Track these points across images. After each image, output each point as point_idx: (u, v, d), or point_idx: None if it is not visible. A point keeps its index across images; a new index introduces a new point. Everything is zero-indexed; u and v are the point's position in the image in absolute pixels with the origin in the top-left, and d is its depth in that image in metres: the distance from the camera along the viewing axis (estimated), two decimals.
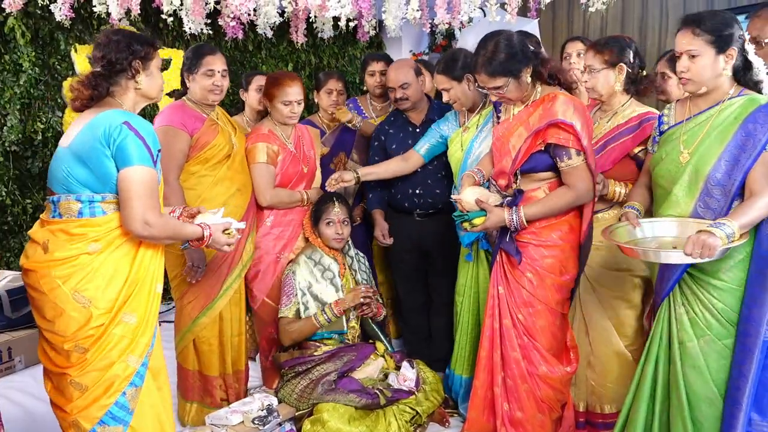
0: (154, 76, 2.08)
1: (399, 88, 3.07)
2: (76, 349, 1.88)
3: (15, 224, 4.02)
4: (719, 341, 1.99)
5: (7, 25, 3.74)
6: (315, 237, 2.98)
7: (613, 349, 2.54)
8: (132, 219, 1.87)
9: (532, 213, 2.30)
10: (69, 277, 1.87)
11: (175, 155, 2.65)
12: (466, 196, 2.36)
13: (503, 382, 2.44)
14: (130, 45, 2.00)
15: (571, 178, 2.29)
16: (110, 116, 1.89)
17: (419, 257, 3.21)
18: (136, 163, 1.87)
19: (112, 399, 1.89)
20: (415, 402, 2.74)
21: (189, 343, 2.87)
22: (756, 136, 1.92)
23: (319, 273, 2.94)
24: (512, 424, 2.43)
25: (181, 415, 2.92)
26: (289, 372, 2.85)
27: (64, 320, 1.87)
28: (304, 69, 5.22)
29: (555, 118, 2.23)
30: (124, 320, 1.92)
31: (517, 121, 2.35)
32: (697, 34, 1.99)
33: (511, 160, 2.34)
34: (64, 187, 1.92)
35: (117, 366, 1.90)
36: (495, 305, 2.45)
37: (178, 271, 2.82)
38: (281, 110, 2.98)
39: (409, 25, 4.79)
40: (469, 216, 2.33)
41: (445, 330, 3.15)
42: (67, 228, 1.90)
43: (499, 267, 2.45)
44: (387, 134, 3.24)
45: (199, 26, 3.49)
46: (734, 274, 1.98)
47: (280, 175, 3.03)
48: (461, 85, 2.82)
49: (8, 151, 3.90)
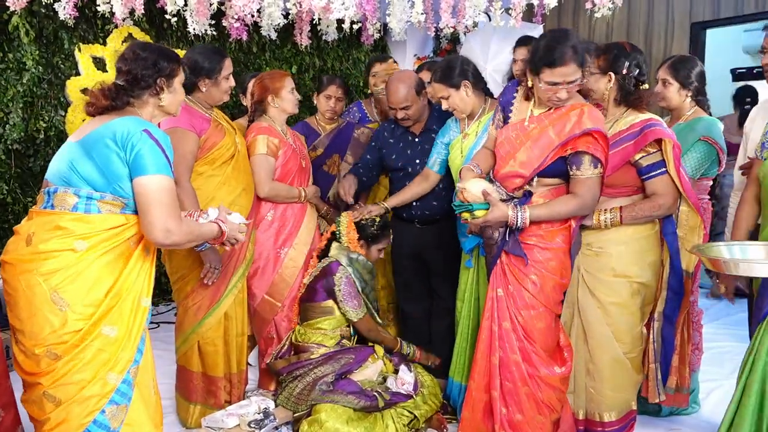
0: (176, 92, 2.09)
1: (400, 109, 3.04)
2: (48, 355, 1.79)
3: (16, 222, 3.96)
4: None
5: (11, 24, 3.74)
6: (361, 248, 2.96)
7: (612, 356, 2.51)
8: (153, 227, 1.84)
9: (536, 215, 2.29)
10: (51, 275, 1.80)
11: (185, 156, 2.65)
12: (472, 186, 2.30)
13: (501, 386, 2.42)
14: (156, 63, 2.00)
15: (582, 187, 2.28)
16: (130, 122, 1.89)
17: (419, 263, 3.19)
18: (155, 171, 1.85)
19: (90, 418, 1.81)
20: (413, 405, 2.73)
21: (193, 344, 2.85)
22: None
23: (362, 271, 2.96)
24: (511, 427, 2.41)
25: (184, 417, 2.90)
26: (287, 378, 2.84)
27: (38, 321, 1.79)
28: (307, 71, 5.22)
29: (595, 126, 2.23)
30: (104, 332, 1.83)
31: (539, 124, 2.33)
32: None
33: (530, 164, 2.31)
34: (65, 180, 1.88)
35: (94, 383, 1.81)
36: (493, 308, 2.43)
37: (182, 273, 2.81)
38: (291, 98, 3.06)
39: (413, 29, 4.79)
40: (472, 207, 2.28)
41: (445, 335, 3.13)
42: (56, 220, 1.84)
43: (499, 269, 2.43)
44: (386, 142, 3.22)
45: (203, 27, 3.49)
46: None
47: (281, 169, 3.04)
48: (459, 92, 2.80)
49: (10, 150, 3.90)
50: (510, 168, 2.37)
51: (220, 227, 2.08)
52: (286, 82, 3.05)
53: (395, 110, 3.05)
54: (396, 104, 3.02)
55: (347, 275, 2.86)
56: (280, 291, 3.07)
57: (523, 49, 3.40)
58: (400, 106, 3.02)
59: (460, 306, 2.94)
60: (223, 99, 2.84)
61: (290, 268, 3.08)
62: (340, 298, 2.83)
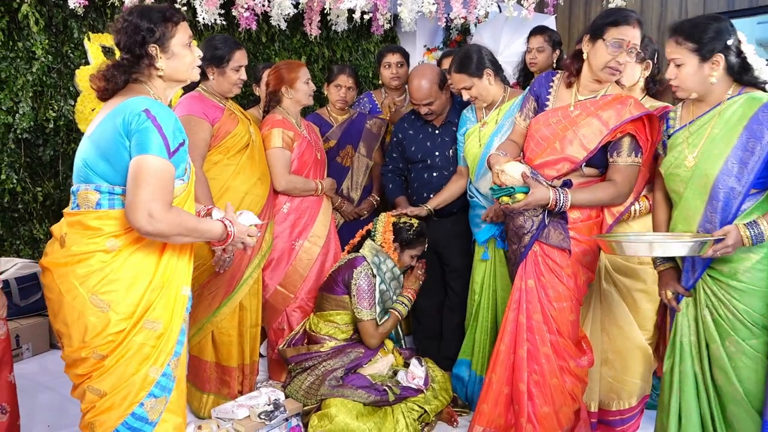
0: (177, 56, 1.83)
1: (423, 105, 3.01)
2: (94, 356, 1.74)
3: (25, 212, 4.02)
4: (744, 342, 1.97)
5: (21, 13, 3.73)
6: (393, 251, 2.92)
7: (635, 343, 2.56)
8: (135, 209, 1.66)
9: (577, 199, 2.26)
10: (86, 278, 1.72)
11: (198, 144, 2.65)
12: (511, 168, 2.24)
13: (528, 378, 2.41)
14: (139, 28, 1.77)
15: (621, 175, 2.28)
16: (132, 104, 1.71)
17: (434, 257, 3.17)
18: (149, 152, 1.68)
19: (129, 410, 1.75)
20: (423, 400, 2.72)
21: (207, 334, 2.86)
22: (763, 137, 1.90)
23: (387, 275, 2.92)
24: (538, 419, 2.41)
25: (197, 407, 2.91)
26: (297, 368, 2.84)
27: (80, 325, 1.73)
28: (317, 62, 5.19)
29: (646, 111, 2.25)
30: (147, 327, 1.75)
31: (585, 111, 2.31)
32: (680, 43, 1.99)
33: (583, 148, 2.29)
34: (83, 177, 1.77)
35: (136, 376, 1.75)
36: (522, 299, 2.41)
37: (198, 262, 2.79)
38: (306, 90, 3.05)
39: (424, 19, 4.75)
40: (513, 189, 2.22)
41: (457, 328, 3.12)
42: (83, 220, 1.74)
43: (531, 260, 2.40)
44: (407, 135, 3.20)
45: (212, 16, 3.48)
46: (753, 275, 1.96)
47: (297, 161, 3.03)
48: (482, 81, 2.77)
49: (20, 139, 3.90)
50: (552, 155, 2.34)
51: (225, 227, 1.88)
52: (301, 73, 3.03)
53: (419, 105, 3.02)
54: (419, 100, 3.00)
55: (368, 272, 2.83)
56: (294, 282, 3.07)
57: (539, 37, 3.37)
58: (424, 102, 2.99)
59: (476, 298, 2.92)
60: (232, 91, 2.81)
61: (304, 260, 3.08)
62: (353, 292, 2.81)
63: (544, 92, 2.44)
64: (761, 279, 1.96)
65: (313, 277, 3.09)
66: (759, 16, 5.28)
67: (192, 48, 1.88)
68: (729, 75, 2.00)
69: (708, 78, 1.98)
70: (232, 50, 2.75)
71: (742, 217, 1.95)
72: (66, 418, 2.87)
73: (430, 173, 3.09)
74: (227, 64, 2.75)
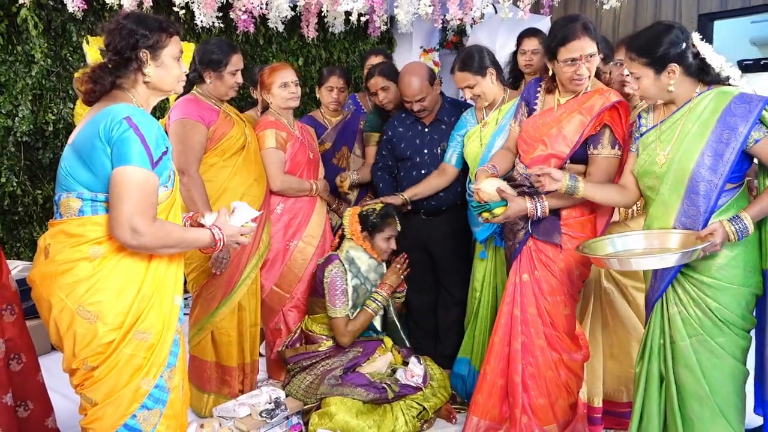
0: (166, 66, 1.83)
1: (415, 102, 3.04)
2: (84, 367, 1.73)
3: (25, 215, 4.04)
4: (711, 340, 1.99)
5: (20, 16, 3.75)
6: (364, 241, 2.93)
7: (637, 336, 2.60)
8: (118, 224, 1.64)
9: (553, 204, 2.33)
10: (73, 289, 1.70)
11: (194, 147, 2.67)
12: (486, 186, 2.34)
13: (523, 371, 2.45)
14: (134, 32, 1.76)
15: (597, 168, 2.33)
16: (113, 111, 1.69)
17: (426, 256, 3.19)
18: (131, 162, 1.65)
19: (121, 421, 1.74)
20: (422, 398, 2.74)
21: (207, 334, 2.88)
22: (737, 129, 1.92)
23: (362, 268, 2.94)
24: (533, 411, 2.45)
25: (198, 407, 2.93)
26: (295, 367, 2.86)
27: (69, 337, 1.72)
28: (314, 64, 5.22)
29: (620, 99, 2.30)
30: (137, 338, 1.73)
31: (568, 110, 2.37)
32: (633, 59, 2.03)
33: (566, 143, 2.35)
34: (64, 186, 1.74)
35: (127, 388, 1.73)
36: (515, 293, 2.46)
37: (197, 264, 2.83)
38: (281, 94, 3.02)
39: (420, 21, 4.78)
40: (489, 206, 2.32)
41: (453, 327, 3.14)
42: (66, 228, 1.72)
43: (525, 255, 2.45)
44: (396, 132, 3.22)
45: (210, 19, 3.49)
46: (727, 272, 1.97)
47: (290, 161, 3.05)
48: (485, 79, 2.80)
49: (19, 142, 3.92)
50: (541, 151, 2.40)
51: (213, 236, 1.85)
52: (276, 77, 3.02)
53: (411, 103, 3.05)
54: (411, 97, 3.02)
55: (339, 269, 2.85)
56: (289, 282, 3.09)
57: (534, 39, 3.36)
58: (416, 98, 3.02)
59: (476, 296, 2.95)
60: (228, 95, 2.83)
61: (299, 261, 3.10)
62: (326, 290, 2.84)
63: (533, 98, 2.51)
64: (735, 276, 1.97)
65: (308, 277, 3.11)
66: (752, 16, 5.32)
67: (180, 62, 1.89)
68: (692, 76, 2.01)
69: (666, 86, 2.00)
70: (228, 54, 2.77)
71: (719, 213, 1.96)
72: (66, 419, 2.88)
73: (418, 171, 3.11)
74: (224, 68, 2.77)
